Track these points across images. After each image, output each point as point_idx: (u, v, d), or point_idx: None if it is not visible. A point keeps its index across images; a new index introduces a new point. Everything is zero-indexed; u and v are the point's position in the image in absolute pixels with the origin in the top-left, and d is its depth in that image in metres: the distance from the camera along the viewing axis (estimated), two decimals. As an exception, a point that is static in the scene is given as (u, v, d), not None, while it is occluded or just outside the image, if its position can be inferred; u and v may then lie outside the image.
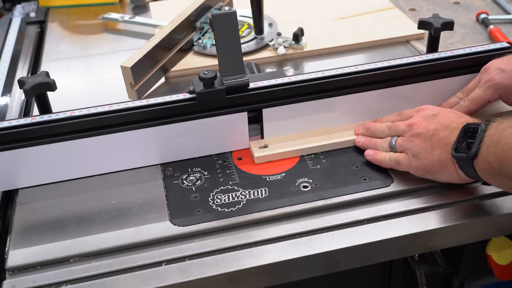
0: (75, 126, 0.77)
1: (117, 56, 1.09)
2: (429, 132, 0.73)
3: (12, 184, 0.79)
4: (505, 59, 0.82)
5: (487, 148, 0.64)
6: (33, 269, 0.68)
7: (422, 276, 0.85)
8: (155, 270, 0.67)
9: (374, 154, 0.79)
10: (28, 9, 1.36)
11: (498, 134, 0.63)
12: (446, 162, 0.70)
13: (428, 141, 0.72)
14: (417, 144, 0.73)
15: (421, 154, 0.73)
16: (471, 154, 0.65)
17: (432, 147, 0.72)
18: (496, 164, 0.62)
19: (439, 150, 0.71)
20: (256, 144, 0.83)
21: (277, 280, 0.69)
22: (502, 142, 0.62)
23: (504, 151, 0.61)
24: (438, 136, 0.72)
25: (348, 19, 1.16)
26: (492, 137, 0.64)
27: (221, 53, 0.80)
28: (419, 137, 0.73)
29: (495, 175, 0.64)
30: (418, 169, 0.74)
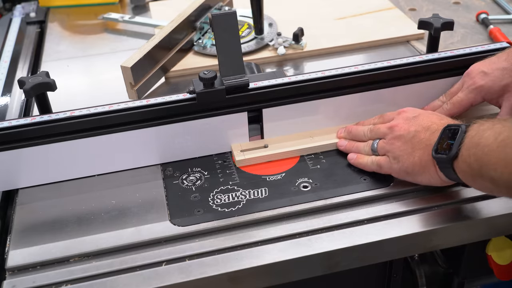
0: (75, 126, 0.77)
1: (117, 56, 1.09)
2: (410, 134, 0.72)
3: (12, 184, 0.79)
4: (486, 62, 0.82)
5: (467, 150, 0.63)
6: (33, 269, 0.68)
7: (422, 276, 0.85)
8: (155, 270, 0.67)
9: (357, 158, 0.78)
10: (28, 9, 1.36)
11: (478, 135, 0.62)
12: (427, 164, 0.70)
13: (409, 143, 0.72)
14: (397, 146, 0.73)
15: (402, 156, 0.72)
16: (451, 155, 0.64)
17: (412, 149, 0.71)
18: (476, 166, 0.62)
19: (420, 151, 0.71)
20: (238, 147, 0.82)
21: (277, 280, 0.69)
22: (482, 144, 0.61)
23: (484, 153, 0.61)
24: (418, 137, 0.71)
25: (348, 19, 1.16)
26: (472, 139, 0.63)
27: (221, 53, 0.80)
28: (400, 139, 0.73)
29: (475, 177, 0.64)
30: (399, 172, 0.73)
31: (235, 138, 0.83)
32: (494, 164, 0.59)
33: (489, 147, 0.60)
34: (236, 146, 0.83)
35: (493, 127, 0.61)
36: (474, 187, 0.67)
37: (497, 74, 0.79)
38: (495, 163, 0.59)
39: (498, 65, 0.80)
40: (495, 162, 0.59)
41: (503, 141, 0.59)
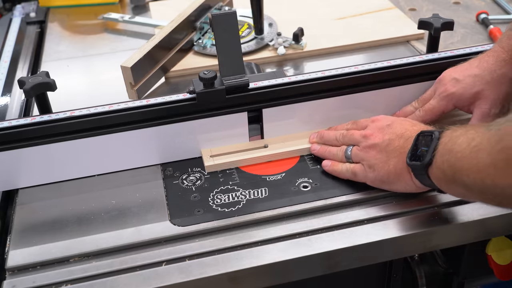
0: (75, 126, 0.77)
1: (117, 56, 1.09)
2: (384, 143, 0.72)
3: (12, 184, 0.79)
4: (458, 68, 0.81)
5: (441, 156, 0.63)
6: (33, 269, 0.68)
7: (422, 276, 0.85)
8: (155, 270, 0.67)
9: (331, 165, 0.78)
10: (28, 9, 1.36)
11: (451, 142, 0.62)
12: (402, 171, 0.70)
13: (384, 152, 0.72)
14: (372, 155, 0.73)
15: (377, 165, 0.72)
16: (425, 162, 0.64)
17: (387, 158, 0.71)
18: (450, 172, 0.62)
19: (395, 159, 0.70)
20: (207, 152, 0.82)
21: (277, 280, 0.69)
22: (455, 150, 0.61)
23: (457, 159, 0.60)
24: (393, 145, 0.71)
25: (348, 19, 1.16)
26: (446, 145, 0.63)
27: (221, 53, 0.80)
28: (375, 148, 0.73)
29: (449, 183, 0.63)
30: (374, 181, 0.73)
31: (235, 139, 0.83)
32: (467, 170, 0.59)
33: (462, 153, 0.60)
34: (206, 151, 0.82)
35: (466, 133, 0.61)
36: (449, 193, 0.67)
37: (469, 81, 0.79)
38: (467, 169, 0.59)
39: (469, 72, 0.80)
40: (467, 168, 0.59)
41: (476, 146, 0.58)
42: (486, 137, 0.58)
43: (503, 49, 0.79)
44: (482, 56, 0.81)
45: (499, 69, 0.78)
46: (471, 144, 0.59)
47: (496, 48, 0.80)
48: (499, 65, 0.79)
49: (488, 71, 0.79)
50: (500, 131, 0.56)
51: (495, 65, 0.79)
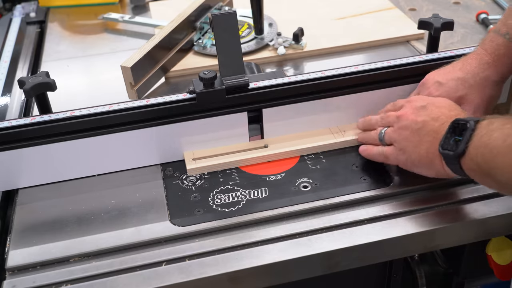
0: (75, 126, 0.77)
1: (117, 56, 1.09)
2: (417, 125, 0.71)
3: (12, 184, 0.79)
4: (441, 71, 0.81)
5: (476, 149, 0.62)
6: (33, 269, 0.68)
7: (422, 276, 0.85)
8: (155, 270, 0.67)
9: (366, 149, 0.78)
10: (28, 9, 1.36)
11: (487, 135, 0.61)
12: (434, 157, 0.69)
13: (416, 134, 0.71)
14: (404, 136, 0.72)
15: (408, 147, 0.71)
16: (458, 152, 0.63)
17: (419, 141, 0.70)
18: (484, 166, 0.61)
19: (427, 144, 0.69)
20: (190, 155, 0.82)
21: (277, 280, 0.69)
22: (490, 145, 0.60)
23: (493, 155, 0.60)
24: (426, 129, 0.70)
25: (348, 19, 1.16)
26: (481, 138, 0.62)
27: (221, 53, 0.80)
28: (407, 129, 0.72)
29: (483, 176, 0.63)
30: (406, 163, 0.73)
31: (235, 139, 0.83)
32: (502, 169, 0.59)
33: (497, 150, 0.59)
34: (188, 154, 0.82)
35: (503, 128, 0.60)
36: (482, 184, 0.66)
37: (452, 84, 0.78)
38: (502, 167, 0.59)
39: (452, 75, 0.79)
40: (502, 166, 0.59)
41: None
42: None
43: (486, 52, 0.79)
44: (465, 58, 0.81)
45: (482, 72, 0.78)
46: (507, 140, 0.58)
47: (479, 51, 0.80)
48: (482, 68, 0.78)
49: (471, 74, 0.78)
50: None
51: (478, 68, 0.78)
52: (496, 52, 0.78)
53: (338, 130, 0.85)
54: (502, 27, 0.79)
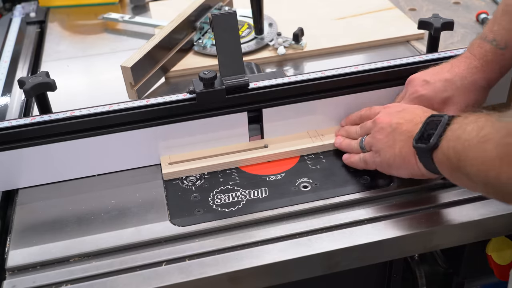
0: (75, 126, 0.77)
1: (117, 56, 1.09)
2: (392, 126, 0.72)
3: (12, 184, 0.79)
4: (429, 71, 0.81)
5: (448, 142, 0.62)
6: (33, 269, 0.68)
7: (422, 276, 0.85)
8: (155, 270, 0.67)
9: (348, 158, 0.79)
10: (28, 9, 1.36)
11: (461, 129, 0.61)
12: (407, 155, 0.69)
13: (391, 136, 0.72)
14: (380, 139, 0.73)
15: (383, 149, 0.72)
16: (430, 144, 0.63)
17: (394, 141, 0.71)
18: (455, 160, 0.61)
19: (401, 143, 0.70)
20: (166, 160, 0.81)
21: (277, 280, 0.69)
22: (463, 137, 0.60)
23: (464, 147, 0.59)
24: (400, 129, 0.71)
25: (348, 19, 1.16)
26: (455, 131, 0.62)
27: (221, 53, 0.80)
28: (382, 132, 0.73)
29: (453, 171, 0.62)
30: (382, 165, 0.73)
31: (235, 139, 0.83)
32: (472, 160, 0.58)
33: (469, 142, 0.59)
34: (165, 158, 0.82)
35: (477, 121, 0.59)
36: (451, 180, 0.65)
37: (439, 85, 0.78)
38: (472, 158, 0.58)
39: (440, 76, 0.79)
40: (472, 157, 0.58)
41: (484, 136, 0.57)
42: (496, 127, 0.57)
43: (475, 57, 0.79)
44: (453, 61, 0.80)
45: (470, 76, 0.78)
46: (480, 133, 0.58)
47: (468, 55, 0.80)
48: (470, 72, 0.78)
49: (459, 77, 0.78)
50: (510, 124, 0.55)
51: (467, 71, 0.78)
52: (484, 58, 0.78)
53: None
54: (489, 33, 0.79)
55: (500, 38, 0.78)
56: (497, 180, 0.56)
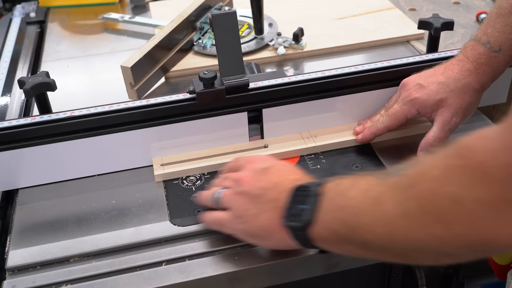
0: (75, 126, 0.77)
1: (117, 56, 1.09)
2: (257, 191, 0.63)
3: (12, 184, 0.79)
4: (423, 74, 0.80)
5: (328, 214, 0.56)
6: (33, 269, 0.68)
7: (422, 276, 0.85)
8: (155, 270, 0.67)
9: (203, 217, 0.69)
10: (28, 9, 1.36)
11: (342, 196, 0.56)
12: (275, 229, 0.61)
13: (255, 202, 0.63)
14: (242, 203, 0.63)
15: (246, 216, 0.63)
16: (305, 222, 0.57)
17: (259, 209, 0.62)
18: (344, 231, 0.55)
19: (267, 214, 0.61)
20: (158, 161, 0.81)
21: (277, 280, 0.69)
22: (349, 205, 0.54)
23: (354, 214, 0.54)
24: (266, 197, 0.62)
25: (348, 19, 1.16)
26: (334, 201, 0.56)
27: (221, 53, 0.80)
28: (245, 196, 0.63)
29: (340, 243, 0.57)
30: (242, 234, 0.65)
31: (235, 139, 0.83)
32: (370, 225, 0.52)
33: (359, 208, 0.53)
34: (157, 160, 0.81)
35: (356, 185, 0.55)
36: (336, 252, 0.59)
37: (433, 88, 0.77)
38: (371, 223, 0.52)
39: (434, 79, 0.78)
40: (370, 222, 0.52)
41: (376, 198, 0.52)
42: (386, 185, 0.52)
43: (468, 59, 0.78)
44: (447, 64, 0.80)
45: (464, 79, 0.77)
46: (367, 195, 0.53)
47: (461, 57, 0.79)
48: (463, 75, 0.77)
49: (452, 79, 0.77)
50: (408, 177, 0.50)
51: (460, 74, 0.78)
52: (478, 61, 0.77)
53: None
54: (482, 36, 0.79)
55: (494, 40, 0.77)
56: (405, 239, 0.50)
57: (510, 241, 0.45)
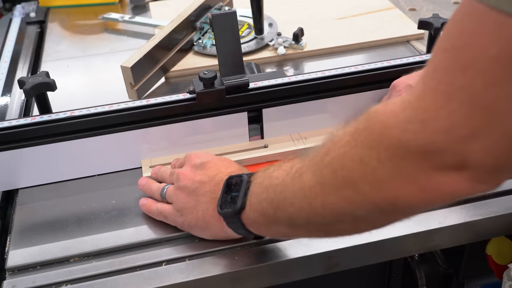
0: (75, 126, 0.77)
1: (117, 56, 1.09)
2: (194, 185, 0.66)
3: (12, 184, 0.79)
4: (413, 75, 0.80)
5: (257, 196, 0.58)
6: (33, 269, 0.68)
7: (422, 276, 0.85)
8: (155, 270, 0.67)
9: (145, 205, 0.72)
10: (28, 9, 1.36)
11: (268, 179, 0.58)
12: (212, 219, 0.65)
13: (193, 195, 0.66)
14: (181, 198, 0.67)
15: (185, 209, 0.67)
16: (237, 208, 0.59)
17: (196, 202, 0.66)
18: (270, 210, 0.57)
19: (204, 205, 0.65)
20: (147, 163, 0.80)
21: (277, 280, 0.69)
22: (273, 184, 0.56)
23: (277, 192, 0.55)
24: (203, 189, 0.66)
25: (348, 19, 1.16)
26: (261, 185, 0.58)
27: (221, 53, 0.80)
28: (184, 190, 0.67)
29: (270, 224, 0.59)
30: (183, 225, 0.68)
31: (235, 139, 0.83)
32: (292, 198, 0.54)
33: (282, 185, 0.55)
34: (146, 161, 0.81)
35: (281, 167, 0.57)
36: (268, 236, 0.63)
37: None
38: (292, 196, 0.54)
39: None
40: (292, 195, 0.54)
41: (297, 171, 0.54)
42: (307, 160, 0.54)
43: None
44: None
45: None
46: (290, 172, 0.55)
47: None
48: None
49: None
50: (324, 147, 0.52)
51: None
52: None
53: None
54: None
55: None
56: (322, 207, 0.52)
57: (412, 200, 0.47)
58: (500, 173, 0.46)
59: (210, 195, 0.65)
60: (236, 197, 0.60)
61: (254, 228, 0.61)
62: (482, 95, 0.42)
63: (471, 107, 0.43)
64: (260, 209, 0.58)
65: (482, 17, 0.42)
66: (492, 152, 0.44)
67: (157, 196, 0.72)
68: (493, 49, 0.42)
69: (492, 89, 0.42)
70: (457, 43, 0.44)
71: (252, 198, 0.59)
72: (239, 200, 0.60)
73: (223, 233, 0.66)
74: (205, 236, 0.68)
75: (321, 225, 0.54)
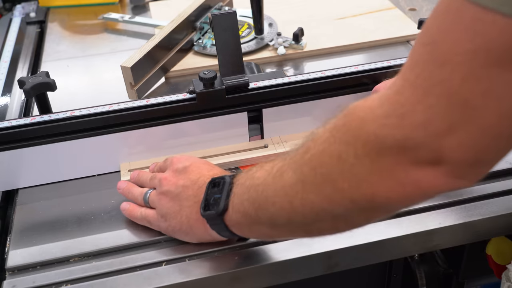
0: (75, 126, 0.77)
1: (117, 56, 1.09)
2: (177, 190, 0.66)
3: (12, 184, 0.79)
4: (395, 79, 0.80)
5: (238, 198, 0.58)
6: (33, 269, 0.68)
7: (422, 276, 0.85)
8: (155, 270, 0.67)
9: (128, 210, 0.71)
10: (28, 9, 1.36)
11: (250, 179, 0.57)
12: (196, 223, 0.64)
13: (176, 200, 0.66)
14: (165, 203, 0.67)
15: (169, 214, 0.66)
16: (219, 210, 0.59)
17: (180, 207, 0.65)
18: (252, 210, 0.56)
19: (188, 210, 0.65)
20: (126, 166, 0.80)
21: (277, 280, 0.69)
22: (255, 184, 0.56)
23: (259, 192, 0.55)
24: (186, 193, 0.65)
25: (348, 19, 1.16)
26: (243, 185, 0.58)
27: (221, 53, 0.80)
28: (167, 195, 0.67)
29: (252, 225, 0.58)
30: (167, 230, 0.68)
31: (235, 139, 0.83)
32: (273, 197, 0.54)
33: (264, 184, 0.55)
34: (125, 165, 0.81)
35: (263, 167, 0.57)
36: (251, 237, 0.64)
37: None
38: (273, 195, 0.54)
39: None
40: (273, 194, 0.54)
41: (278, 170, 0.54)
42: (288, 159, 0.53)
43: None
44: None
45: None
46: (272, 171, 0.54)
47: None
48: None
49: None
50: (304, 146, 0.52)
51: None
52: None
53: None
54: None
55: None
56: (302, 205, 0.51)
57: (390, 195, 0.46)
58: (478, 169, 0.46)
59: (193, 199, 0.65)
60: (219, 199, 0.60)
61: (237, 229, 0.61)
62: (459, 90, 0.42)
63: (448, 102, 0.43)
64: (242, 209, 0.58)
65: (460, 11, 0.42)
66: (468, 147, 0.43)
67: (140, 201, 0.71)
68: (470, 44, 0.41)
69: (469, 84, 0.42)
70: (436, 37, 0.44)
71: (234, 199, 0.59)
72: (222, 202, 0.59)
73: (207, 236, 0.65)
74: (190, 240, 0.68)
75: (301, 224, 0.54)
